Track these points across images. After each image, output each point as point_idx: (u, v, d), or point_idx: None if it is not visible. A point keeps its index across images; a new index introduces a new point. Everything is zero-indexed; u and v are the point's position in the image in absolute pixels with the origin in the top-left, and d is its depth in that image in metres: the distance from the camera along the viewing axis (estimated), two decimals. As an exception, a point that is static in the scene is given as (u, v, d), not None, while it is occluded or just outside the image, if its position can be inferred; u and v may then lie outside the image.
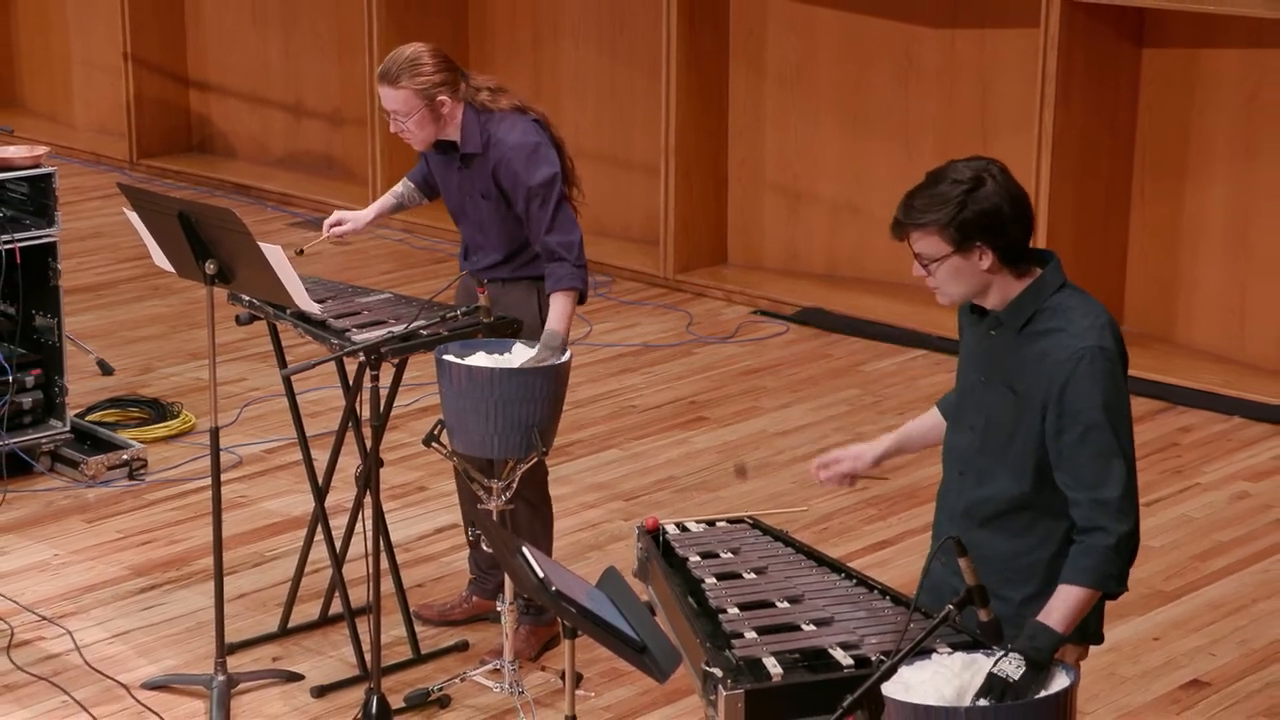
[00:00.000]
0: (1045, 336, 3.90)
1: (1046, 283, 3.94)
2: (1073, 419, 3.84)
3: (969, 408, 4.06)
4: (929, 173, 3.96)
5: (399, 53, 5.58)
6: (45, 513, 6.82)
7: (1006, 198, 3.88)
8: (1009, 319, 3.95)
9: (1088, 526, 3.83)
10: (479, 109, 5.61)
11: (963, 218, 3.85)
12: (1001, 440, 3.97)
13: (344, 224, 5.91)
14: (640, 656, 3.80)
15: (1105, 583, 3.82)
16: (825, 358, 8.43)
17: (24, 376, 6.98)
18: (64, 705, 5.56)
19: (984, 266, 3.89)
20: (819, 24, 9.06)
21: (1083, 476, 3.84)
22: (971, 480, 4.04)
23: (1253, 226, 8.11)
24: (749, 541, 4.35)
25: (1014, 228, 3.89)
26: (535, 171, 5.54)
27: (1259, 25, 7.87)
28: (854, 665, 3.76)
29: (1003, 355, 3.97)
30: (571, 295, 5.53)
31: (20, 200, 6.96)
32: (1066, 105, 8.06)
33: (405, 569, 6.15)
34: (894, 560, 6.42)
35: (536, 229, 5.55)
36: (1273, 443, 7.53)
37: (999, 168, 3.93)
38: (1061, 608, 3.78)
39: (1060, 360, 3.86)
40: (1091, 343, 3.85)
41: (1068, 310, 3.91)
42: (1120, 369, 3.89)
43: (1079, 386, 3.83)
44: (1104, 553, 3.81)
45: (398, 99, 5.54)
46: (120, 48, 11.32)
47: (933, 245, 3.90)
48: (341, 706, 5.55)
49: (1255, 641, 6.00)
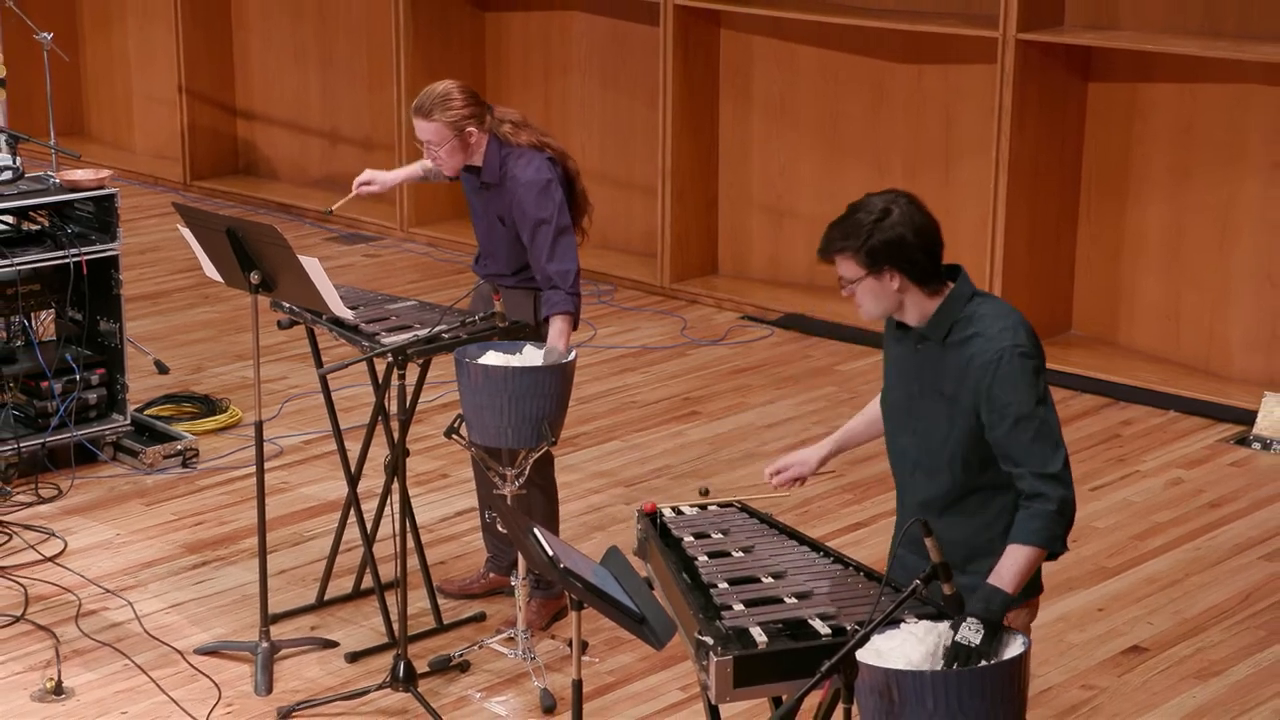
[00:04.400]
0: (966, 344, 3.94)
1: (958, 295, 3.99)
2: (1002, 413, 3.87)
3: (909, 416, 4.10)
4: (849, 205, 4.02)
5: (432, 89, 5.56)
6: (108, 497, 6.81)
7: (910, 226, 3.94)
8: (932, 333, 4.00)
9: (1032, 494, 3.86)
10: (501, 141, 5.60)
11: (871, 245, 3.92)
12: (940, 440, 4.00)
13: (373, 183, 5.90)
14: (640, 626, 3.79)
15: (1052, 542, 3.84)
16: (806, 358, 8.42)
17: (90, 375, 6.97)
18: (125, 668, 5.56)
19: (895, 287, 3.95)
20: (800, 60, 9.05)
21: (1022, 459, 3.88)
22: (922, 478, 4.07)
23: (1185, 242, 8.10)
24: (737, 523, 4.34)
25: (918, 252, 3.94)
26: (540, 208, 5.53)
27: (1192, 63, 7.86)
28: (831, 634, 3.76)
29: (932, 366, 4.01)
30: (566, 318, 5.52)
31: (86, 218, 6.95)
32: (1021, 133, 8.06)
33: (429, 548, 6.15)
34: (867, 540, 6.41)
35: (537, 258, 5.54)
36: (1204, 434, 7.52)
37: (906, 199, 3.99)
38: (1012, 568, 3.80)
39: (983, 364, 3.90)
40: (1007, 343, 3.90)
41: (982, 317, 3.95)
42: (1036, 360, 3.92)
43: (1003, 384, 3.88)
44: (1049, 515, 3.84)
45: (431, 130, 5.52)
46: (176, 82, 11.31)
47: (849, 269, 3.97)
48: (372, 670, 5.54)
49: (1188, 611, 5.99)
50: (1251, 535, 6.57)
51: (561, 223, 5.54)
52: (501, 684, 5.50)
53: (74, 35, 12.06)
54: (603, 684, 5.50)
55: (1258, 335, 7.95)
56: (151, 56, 11.80)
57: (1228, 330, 8.05)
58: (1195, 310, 8.13)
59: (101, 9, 12.12)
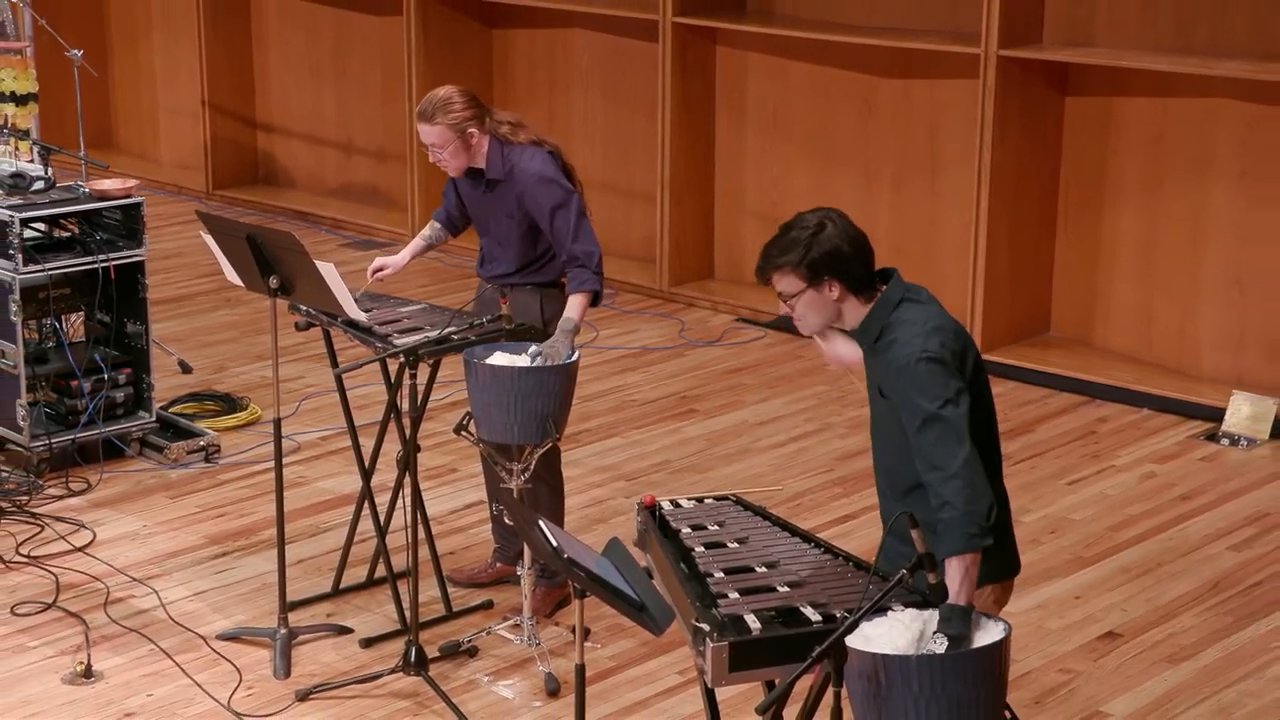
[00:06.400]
0: (889, 348, 3.95)
1: (886, 301, 3.98)
2: (912, 414, 3.87)
3: (872, 414, 4.12)
4: (781, 225, 4.01)
5: (433, 95, 5.57)
6: (135, 490, 6.81)
7: (845, 238, 3.94)
8: (864, 338, 4.00)
9: (938, 504, 3.82)
10: (501, 141, 5.60)
11: (811, 257, 3.92)
12: (886, 434, 4.03)
13: (385, 269, 5.90)
14: (640, 614, 3.79)
15: (970, 543, 3.78)
16: (798, 359, 8.41)
17: (117, 375, 6.97)
18: (151, 653, 5.56)
19: (834, 297, 3.95)
20: (792, 75, 9.05)
21: (926, 459, 3.85)
22: (882, 465, 4.11)
23: (1158, 249, 8.10)
24: (732, 516, 4.34)
25: (854, 263, 3.94)
26: (556, 194, 5.53)
27: (1164, 78, 7.85)
28: (822, 621, 3.75)
29: (873, 368, 4.04)
30: (589, 295, 5.53)
31: (114, 225, 6.95)
32: (1002, 144, 8.05)
33: (439, 539, 6.14)
34: (855, 531, 6.41)
35: (562, 241, 5.54)
36: (1175, 431, 7.51)
37: (837, 214, 3.99)
38: (954, 583, 3.75)
39: (900, 368, 3.90)
40: (916, 349, 3.87)
41: (904, 324, 3.94)
42: (946, 366, 3.86)
43: (911, 388, 3.87)
44: (956, 521, 3.78)
45: (434, 134, 5.52)
46: (199, 96, 11.30)
47: (789, 283, 3.96)
48: (385, 655, 5.54)
49: (1160, 599, 5.99)
50: (1220, 526, 6.56)
51: (578, 205, 5.55)
52: (508, 668, 5.50)
53: (102, 52, 12.06)
54: (604, 668, 5.50)
55: (1226, 337, 7.95)
56: (176, 72, 11.80)
57: (1198, 332, 8.04)
58: (1167, 313, 8.13)
59: (128, 27, 12.12)
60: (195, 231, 7.22)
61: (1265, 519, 6.62)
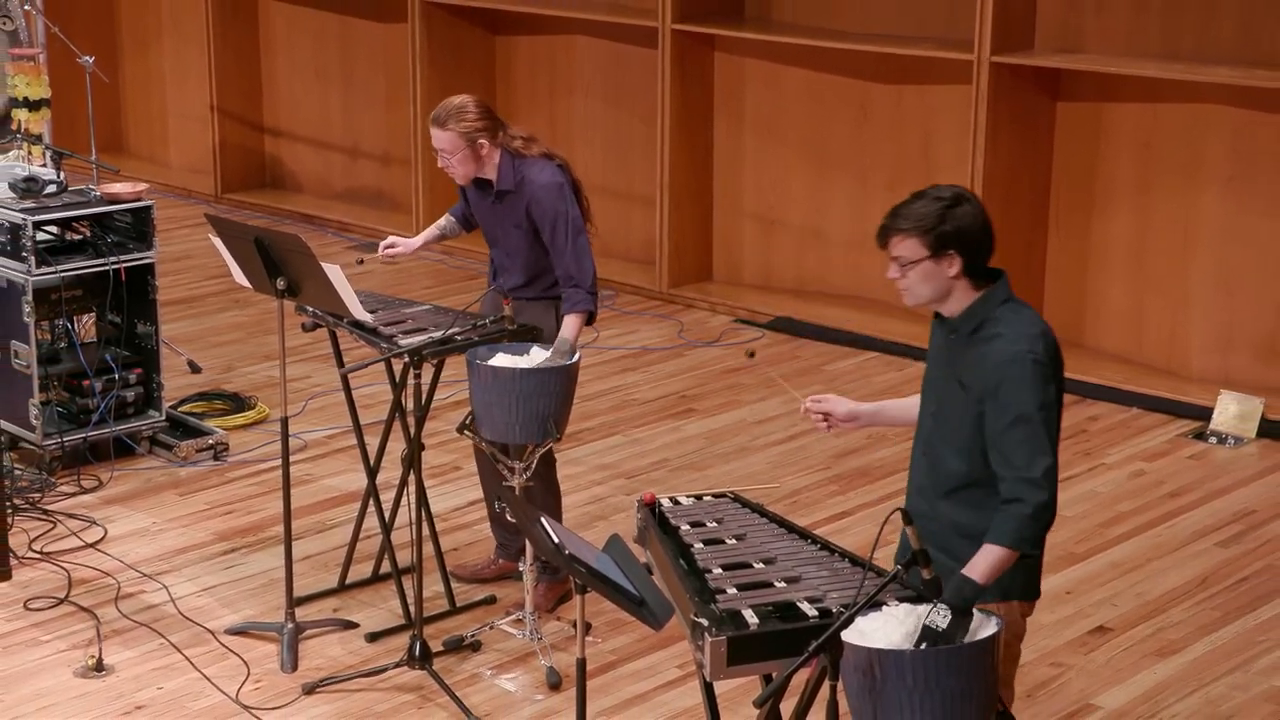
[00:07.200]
0: (989, 341, 3.88)
1: (994, 296, 3.94)
2: (1003, 410, 3.82)
3: (930, 397, 4.05)
4: (914, 192, 3.92)
5: (449, 101, 5.58)
6: (145, 488, 6.81)
7: (978, 219, 3.89)
8: (962, 325, 3.94)
9: (1010, 498, 3.81)
10: (513, 154, 5.60)
11: (942, 229, 3.85)
12: (951, 426, 3.96)
13: (396, 247, 5.90)
14: (639, 609, 3.79)
15: (1020, 544, 3.80)
16: (795, 359, 8.41)
17: (127, 375, 6.96)
18: (161, 647, 5.56)
19: (951, 273, 3.88)
20: (788, 81, 9.05)
21: (1009, 458, 3.82)
22: (931, 459, 4.02)
23: (1147, 251, 8.10)
24: (730, 513, 4.33)
25: (980, 246, 3.89)
26: (558, 206, 5.54)
27: (1152, 84, 7.85)
28: (818, 616, 3.75)
29: (957, 355, 3.95)
30: (583, 316, 5.53)
31: (124, 228, 6.95)
32: (995, 149, 8.05)
33: (443, 535, 6.14)
34: (852, 528, 6.41)
35: (559, 257, 5.54)
36: (1164, 430, 7.52)
37: (972, 195, 3.93)
38: (983, 563, 3.76)
39: (997, 362, 3.84)
40: (1024, 348, 3.84)
41: (1011, 322, 3.90)
42: (1048, 372, 3.85)
43: (1011, 383, 3.82)
44: (1022, 519, 3.79)
45: (445, 139, 5.53)
46: (208, 101, 11.30)
47: (911, 249, 3.87)
48: (390, 649, 5.54)
49: (1149, 594, 5.99)
50: (1208, 523, 6.56)
51: (578, 223, 5.56)
52: (510, 662, 5.50)
53: (113, 58, 12.05)
54: (605, 662, 5.50)
55: (1215, 338, 7.95)
56: (185, 78, 11.79)
57: (1187, 333, 8.04)
58: (1157, 315, 8.13)
59: (139, 33, 12.11)
60: (204, 234, 7.23)
61: (1251, 516, 6.63)
